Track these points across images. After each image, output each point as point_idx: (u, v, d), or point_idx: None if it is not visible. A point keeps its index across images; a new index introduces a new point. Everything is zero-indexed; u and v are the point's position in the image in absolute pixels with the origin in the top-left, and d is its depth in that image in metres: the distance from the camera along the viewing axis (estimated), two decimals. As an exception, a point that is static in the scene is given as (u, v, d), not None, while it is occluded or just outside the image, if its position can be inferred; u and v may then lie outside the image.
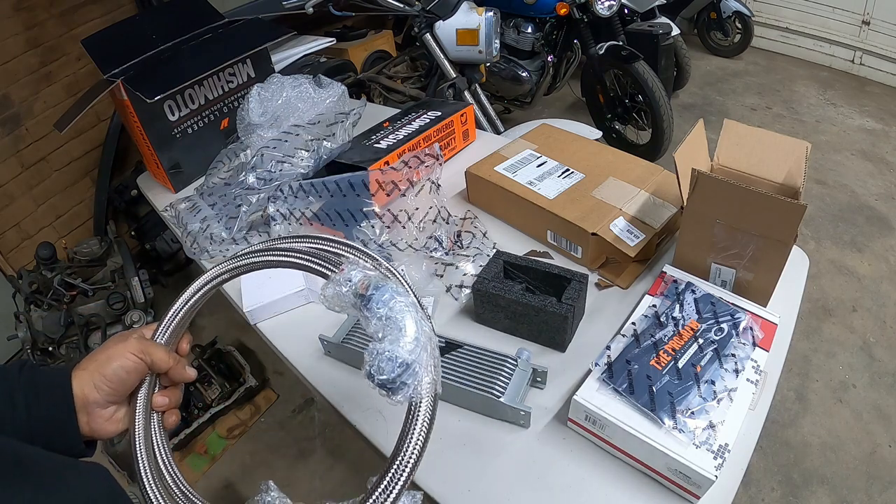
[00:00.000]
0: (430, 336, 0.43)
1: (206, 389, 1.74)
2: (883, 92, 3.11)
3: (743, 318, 0.69)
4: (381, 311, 0.42)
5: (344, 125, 1.18)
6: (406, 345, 0.40)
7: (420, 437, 0.41)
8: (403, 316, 0.42)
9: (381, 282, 0.43)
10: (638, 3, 2.65)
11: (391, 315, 0.41)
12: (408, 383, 0.40)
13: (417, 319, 0.42)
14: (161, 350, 0.51)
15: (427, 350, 0.42)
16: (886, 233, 2.18)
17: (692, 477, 0.56)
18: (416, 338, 0.41)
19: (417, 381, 0.41)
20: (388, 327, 0.41)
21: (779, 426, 1.56)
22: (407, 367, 0.40)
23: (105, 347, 0.49)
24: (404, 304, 0.42)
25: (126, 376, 0.48)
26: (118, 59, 1.14)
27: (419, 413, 0.41)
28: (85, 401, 0.46)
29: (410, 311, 0.42)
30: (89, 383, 0.47)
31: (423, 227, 0.93)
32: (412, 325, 0.41)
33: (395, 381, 0.40)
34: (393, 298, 0.42)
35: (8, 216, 1.94)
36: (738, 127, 0.88)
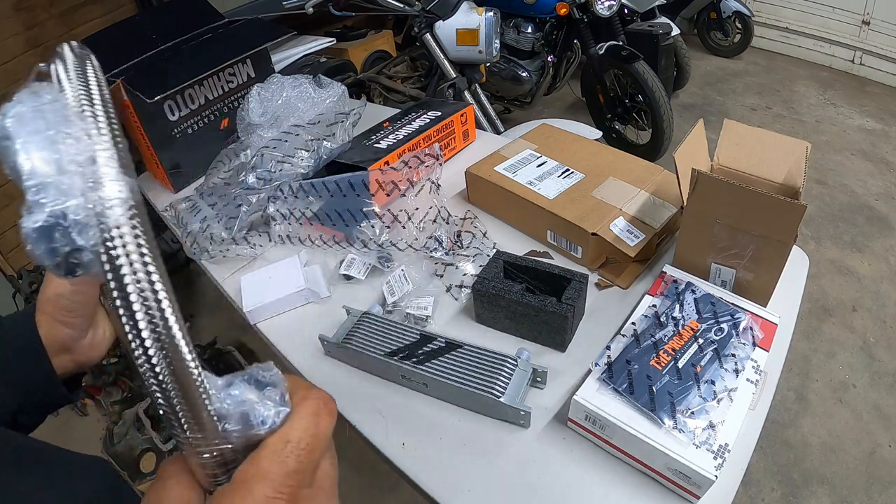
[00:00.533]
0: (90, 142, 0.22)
1: (206, 389, 1.73)
2: (883, 92, 3.12)
3: (743, 318, 0.69)
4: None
5: (344, 125, 1.18)
6: (33, 194, 0.22)
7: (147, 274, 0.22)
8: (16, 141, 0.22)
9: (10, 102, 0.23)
10: (638, 3, 2.65)
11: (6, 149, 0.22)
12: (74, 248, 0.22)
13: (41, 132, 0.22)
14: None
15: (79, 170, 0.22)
16: (886, 233, 2.18)
17: (692, 477, 0.56)
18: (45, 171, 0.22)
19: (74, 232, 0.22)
20: (16, 177, 0.22)
21: (779, 426, 1.56)
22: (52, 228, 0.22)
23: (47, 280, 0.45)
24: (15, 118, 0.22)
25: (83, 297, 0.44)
26: (118, 59, 1.14)
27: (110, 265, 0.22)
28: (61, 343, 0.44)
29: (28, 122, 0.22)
30: (54, 324, 0.44)
31: (423, 227, 0.93)
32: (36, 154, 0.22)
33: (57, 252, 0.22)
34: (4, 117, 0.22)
35: (8, 216, 1.94)
36: (738, 127, 0.88)
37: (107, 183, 0.22)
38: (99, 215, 0.22)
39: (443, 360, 0.71)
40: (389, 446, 0.68)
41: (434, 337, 0.74)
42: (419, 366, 0.71)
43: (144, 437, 1.57)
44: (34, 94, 0.23)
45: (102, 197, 0.22)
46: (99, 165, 0.22)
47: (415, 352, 0.73)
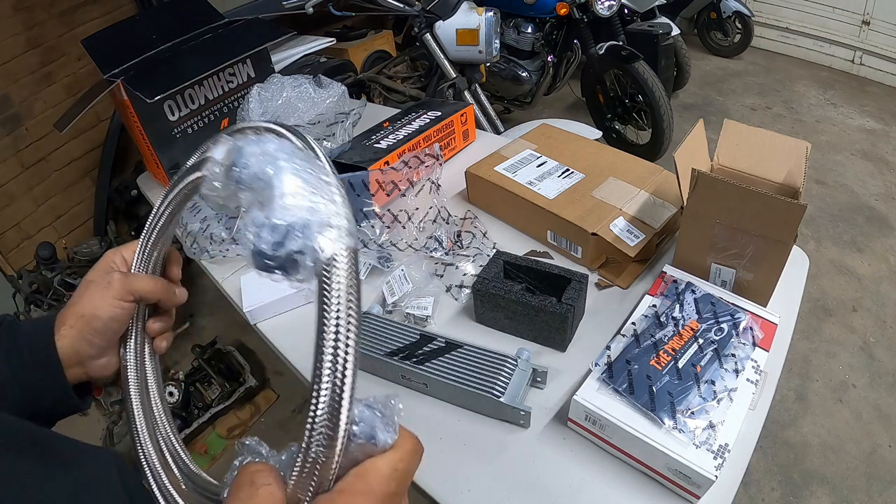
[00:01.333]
0: (328, 181, 0.30)
1: (206, 389, 1.74)
2: (883, 92, 3.12)
3: (743, 318, 0.69)
4: (247, 172, 0.29)
5: (344, 125, 1.18)
6: (284, 202, 0.28)
7: (343, 309, 0.28)
8: (276, 168, 0.29)
9: (242, 140, 0.31)
10: (638, 3, 2.65)
11: (262, 174, 0.29)
12: (296, 250, 0.27)
13: (299, 166, 0.29)
14: (146, 281, 0.46)
15: (323, 198, 0.28)
16: (886, 233, 2.18)
17: (692, 477, 0.56)
18: (299, 190, 0.28)
19: (312, 242, 0.27)
20: (257, 190, 0.29)
21: (779, 426, 1.56)
22: (287, 232, 0.27)
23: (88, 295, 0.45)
24: (271, 154, 0.30)
25: (118, 326, 0.46)
26: (118, 59, 1.14)
27: (332, 280, 0.27)
28: (79, 357, 0.45)
29: (282, 157, 0.29)
30: (80, 340, 0.45)
31: (423, 227, 0.93)
32: (290, 177, 0.28)
33: (277, 254, 0.27)
34: (256, 152, 0.30)
35: (8, 216, 1.94)
36: (738, 127, 0.88)
37: (345, 220, 0.29)
38: (333, 241, 0.28)
39: (443, 360, 0.71)
40: (389, 446, 0.68)
41: (434, 337, 0.74)
42: (419, 366, 0.71)
43: (144, 437, 1.56)
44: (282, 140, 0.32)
45: (341, 227, 0.28)
46: (339, 207, 0.29)
47: (415, 352, 0.73)
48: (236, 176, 0.30)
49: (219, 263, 1.02)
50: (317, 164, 0.31)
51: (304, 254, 0.27)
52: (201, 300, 2.24)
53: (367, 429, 0.31)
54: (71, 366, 0.45)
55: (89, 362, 0.46)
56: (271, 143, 0.31)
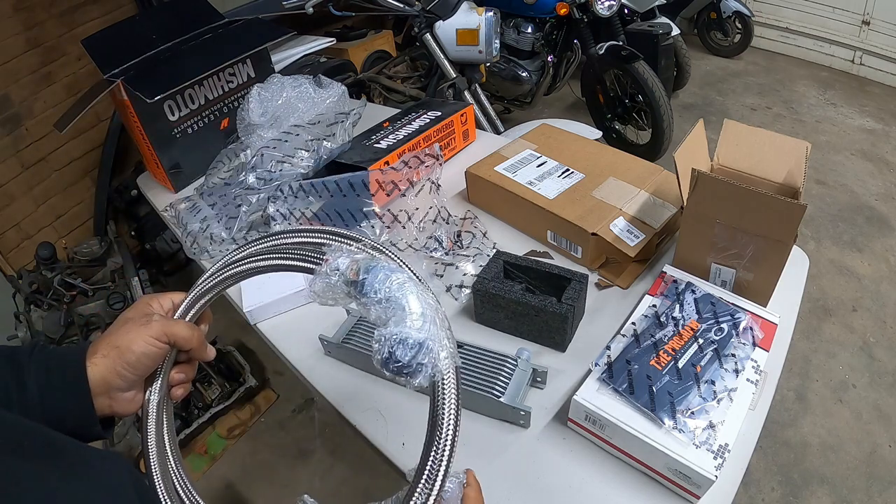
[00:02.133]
0: (437, 308, 0.40)
1: (206, 389, 1.74)
2: (883, 92, 3.12)
3: (743, 318, 0.69)
4: (379, 293, 0.39)
5: (344, 125, 1.18)
6: (414, 322, 0.38)
7: (452, 413, 0.38)
8: (403, 293, 0.39)
9: (371, 262, 0.40)
10: (638, 3, 2.65)
11: (390, 295, 0.39)
12: (424, 363, 0.37)
13: (419, 293, 0.39)
14: (184, 328, 0.48)
15: (436, 323, 0.39)
16: (886, 233, 2.18)
17: (692, 477, 0.56)
18: (423, 313, 0.38)
19: (434, 358, 0.38)
20: (391, 309, 0.38)
21: (779, 426, 1.56)
22: (420, 346, 0.37)
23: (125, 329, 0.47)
24: (402, 281, 0.39)
25: (150, 363, 0.47)
26: (118, 59, 1.14)
27: (445, 389, 0.39)
28: (107, 387, 0.46)
29: (410, 286, 0.39)
30: (112, 371, 0.46)
31: (423, 227, 0.93)
32: (415, 301, 0.38)
33: (411, 363, 0.37)
34: (388, 277, 0.39)
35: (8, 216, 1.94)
36: (738, 127, 0.88)
37: (453, 346, 0.40)
38: (449, 358, 0.39)
39: (443, 360, 0.71)
40: (389, 446, 0.68)
41: (434, 337, 0.74)
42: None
43: (144, 437, 1.56)
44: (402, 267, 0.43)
45: (452, 350, 0.39)
46: (448, 331, 0.41)
47: (415, 352, 0.73)
48: (364, 290, 0.39)
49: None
50: (427, 291, 0.41)
51: (426, 366, 0.37)
52: (201, 300, 2.24)
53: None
54: (98, 395, 0.46)
55: (116, 394, 0.47)
56: (397, 270, 0.40)
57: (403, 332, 0.37)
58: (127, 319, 0.48)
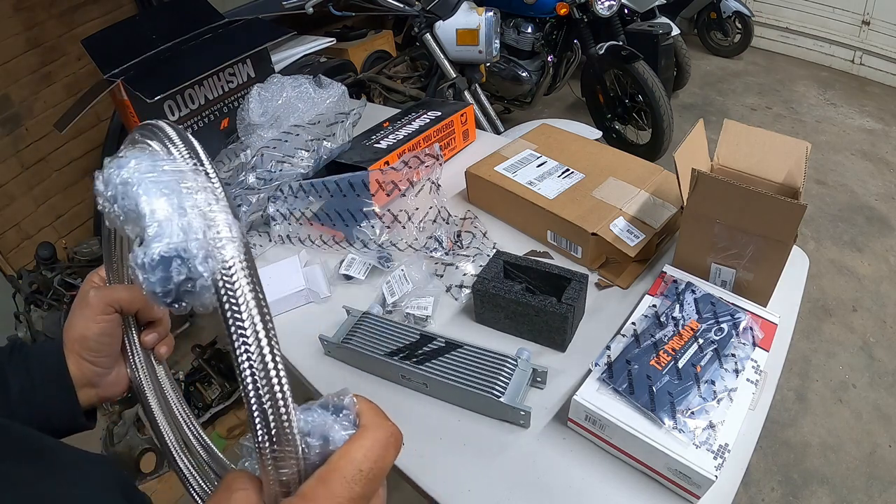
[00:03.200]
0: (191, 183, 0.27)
1: (206, 389, 1.74)
2: (883, 92, 3.12)
3: (743, 318, 0.69)
4: (112, 192, 0.27)
5: (344, 125, 1.18)
6: (154, 230, 0.25)
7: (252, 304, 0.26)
8: (140, 187, 0.26)
9: (113, 165, 0.28)
10: (638, 3, 2.65)
11: (126, 200, 0.26)
12: (187, 277, 0.25)
13: (161, 178, 0.27)
14: (122, 291, 0.46)
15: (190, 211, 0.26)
16: (886, 233, 2.18)
17: (692, 477, 0.56)
18: (166, 207, 0.26)
19: (193, 264, 0.25)
20: (129, 218, 0.27)
21: (779, 426, 1.56)
22: (166, 262, 0.25)
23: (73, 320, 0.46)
24: (133, 171, 0.27)
25: (110, 339, 0.46)
26: (118, 59, 1.14)
27: (226, 295, 0.25)
28: (88, 379, 0.46)
29: (143, 174, 0.27)
30: (80, 363, 0.46)
31: (423, 227, 0.93)
32: (155, 198, 0.26)
33: (169, 289, 0.25)
34: (117, 173, 0.27)
35: (8, 216, 1.94)
36: (738, 127, 0.88)
37: (222, 225, 0.26)
38: (217, 250, 0.25)
39: (443, 360, 0.71)
40: (389, 446, 0.68)
41: (434, 337, 0.74)
42: (419, 366, 0.71)
43: (144, 437, 1.57)
44: (146, 154, 0.28)
45: (220, 236, 0.26)
46: (215, 211, 0.26)
47: (415, 352, 0.73)
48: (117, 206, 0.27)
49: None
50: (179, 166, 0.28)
51: (192, 279, 0.25)
52: (201, 300, 2.24)
53: (319, 435, 0.29)
54: (81, 387, 0.46)
55: (99, 381, 0.47)
56: (131, 159, 0.27)
57: (147, 251, 0.25)
58: (73, 307, 0.47)
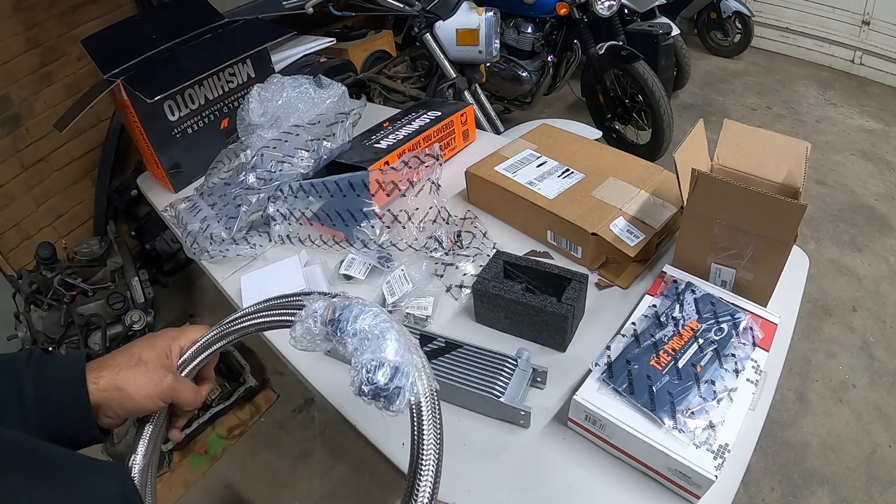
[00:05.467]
0: (412, 341, 0.41)
1: (206, 389, 1.73)
2: (883, 92, 3.11)
3: (743, 318, 0.69)
4: (354, 326, 0.40)
5: (344, 125, 1.18)
6: (390, 350, 0.39)
7: (433, 440, 0.39)
8: (379, 325, 0.40)
9: (345, 302, 0.42)
10: (638, 3, 2.65)
11: (366, 328, 0.40)
12: (402, 386, 0.38)
13: (393, 325, 0.40)
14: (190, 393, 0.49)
15: (411, 351, 0.40)
16: (886, 233, 2.18)
17: (692, 477, 0.56)
18: (398, 341, 0.39)
19: (412, 382, 0.38)
20: (366, 340, 0.39)
21: (779, 426, 1.56)
22: (397, 370, 0.38)
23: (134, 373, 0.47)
24: (375, 314, 0.40)
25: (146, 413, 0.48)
26: (118, 59, 1.14)
27: (423, 414, 0.39)
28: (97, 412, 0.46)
29: (384, 319, 0.41)
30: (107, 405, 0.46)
31: (423, 227, 0.93)
32: (391, 333, 0.40)
33: (387, 386, 0.38)
34: (363, 313, 0.40)
35: (8, 216, 1.94)
36: (738, 127, 0.88)
37: (429, 372, 0.41)
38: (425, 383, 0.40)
39: (443, 360, 0.71)
40: (389, 446, 0.68)
41: (434, 337, 0.74)
42: None
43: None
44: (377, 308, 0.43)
45: (429, 376, 0.40)
46: (424, 362, 0.41)
47: (415, 352, 0.73)
48: (343, 327, 0.40)
49: (219, 263, 1.02)
50: (400, 324, 0.42)
51: (404, 389, 0.38)
52: (201, 300, 2.24)
53: None
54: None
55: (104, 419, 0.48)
56: (370, 307, 0.41)
57: (379, 357, 0.38)
58: (144, 363, 0.48)
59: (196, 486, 1.59)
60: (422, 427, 0.38)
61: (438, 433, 0.39)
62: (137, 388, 0.46)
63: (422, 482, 0.37)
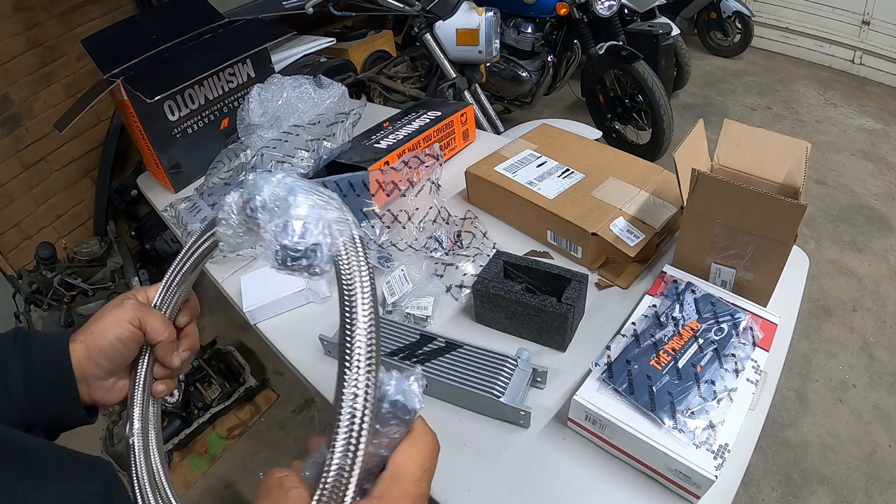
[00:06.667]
0: (326, 194, 0.35)
1: (206, 389, 1.74)
2: (883, 92, 3.12)
3: (743, 318, 0.69)
4: (262, 198, 0.34)
5: (344, 125, 1.18)
6: (298, 208, 0.33)
7: (363, 292, 0.32)
8: (283, 188, 0.34)
9: (251, 181, 0.36)
10: (638, 3, 2.65)
11: (273, 195, 0.34)
12: (319, 242, 0.32)
13: (301, 184, 0.35)
14: (158, 318, 0.47)
15: (326, 205, 0.34)
16: (886, 233, 2.18)
17: (692, 477, 0.56)
18: (306, 196, 0.34)
19: (329, 235, 0.33)
20: (275, 208, 0.34)
21: (779, 426, 1.56)
22: (306, 227, 0.32)
23: (101, 315, 0.47)
24: (279, 181, 0.35)
25: (123, 348, 0.46)
26: (118, 59, 1.14)
27: (345, 263, 0.32)
28: (83, 374, 0.46)
29: (290, 181, 0.35)
30: (87, 357, 0.45)
31: (423, 227, 0.93)
32: (298, 191, 0.34)
33: (298, 245, 0.32)
34: (268, 184, 0.34)
35: (8, 216, 1.94)
36: (738, 127, 0.88)
37: (350, 219, 0.35)
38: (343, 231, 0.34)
39: (443, 360, 0.71)
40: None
41: (434, 337, 0.74)
42: (419, 366, 0.71)
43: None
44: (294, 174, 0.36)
45: (347, 222, 0.34)
46: (344, 212, 0.35)
47: (415, 352, 0.73)
48: (252, 205, 0.35)
49: (219, 263, 1.02)
50: (315, 188, 0.36)
51: (320, 244, 0.32)
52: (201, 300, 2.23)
53: (398, 395, 0.33)
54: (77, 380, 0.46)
55: (94, 382, 0.47)
56: (275, 174, 0.36)
57: (285, 218, 0.33)
58: (105, 307, 0.48)
59: (196, 486, 1.59)
60: (344, 280, 0.32)
61: (367, 284, 0.32)
62: (104, 321, 0.46)
63: (354, 347, 0.30)
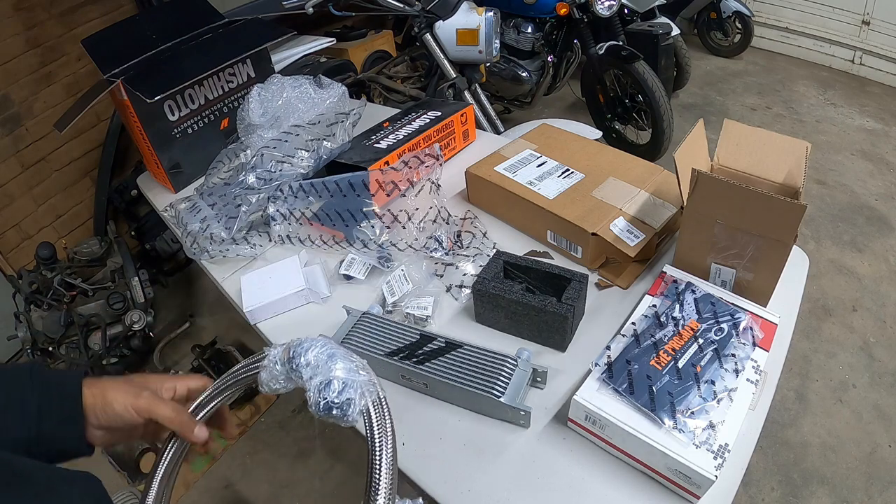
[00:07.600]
0: (358, 361, 0.46)
1: (206, 389, 1.73)
2: (883, 92, 3.11)
3: (743, 318, 0.69)
4: (307, 358, 0.45)
5: (344, 125, 1.18)
6: (337, 370, 0.44)
7: (385, 441, 0.43)
8: (326, 353, 0.45)
9: (297, 341, 0.47)
10: (638, 3, 2.65)
11: (317, 358, 0.45)
12: (352, 398, 0.43)
13: (340, 352, 0.45)
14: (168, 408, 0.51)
15: (359, 370, 0.45)
16: (886, 233, 2.18)
17: (692, 477, 0.56)
18: (344, 362, 0.44)
19: (360, 393, 0.43)
20: (318, 367, 0.45)
21: (779, 426, 1.56)
22: (345, 385, 0.43)
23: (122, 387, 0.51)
24: (322, 345, 0.46)
25: (123, 424, 0.50)
26: (118, 59, 1.14)
27: (373, 419, 0.43)
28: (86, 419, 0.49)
29: (331, 347, 0.46)
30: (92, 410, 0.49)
31: (423, 227, 0.93)
32: (337, 357, 0.45)
33: (338, 399, 0.43)
34: (312, 346, 0.46)
35: (8, 216, 1.94)
36: (738, 127, 0.88)
37: (374, 385, 0.45)
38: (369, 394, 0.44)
39: (443, 360, 0.71)
40: (389, 446, 0.68)
41: (434, 337, 0.74)
42: (419, 366, 0.71)
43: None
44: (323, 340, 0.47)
45: (373, 385, 0.45)
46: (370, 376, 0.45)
47: (415, 352, 0.73)
48: (297, 362, 0.45)
49: (219, 263, 1.02)
50: (349, 352, 0.47)
51: (353, 400, 0.43)
52: (201, 300, 2.24)
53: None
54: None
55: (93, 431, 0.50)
56: (318, 342, 0.46)
57: (329, 377, 0.44)
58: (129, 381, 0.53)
59: (196, 486, 1.59)
60: (373, 430, 0.43)
61: (389, 435, 0.43)
62: (117, 395, 0.50)
63: (380, 481, 0.43)
